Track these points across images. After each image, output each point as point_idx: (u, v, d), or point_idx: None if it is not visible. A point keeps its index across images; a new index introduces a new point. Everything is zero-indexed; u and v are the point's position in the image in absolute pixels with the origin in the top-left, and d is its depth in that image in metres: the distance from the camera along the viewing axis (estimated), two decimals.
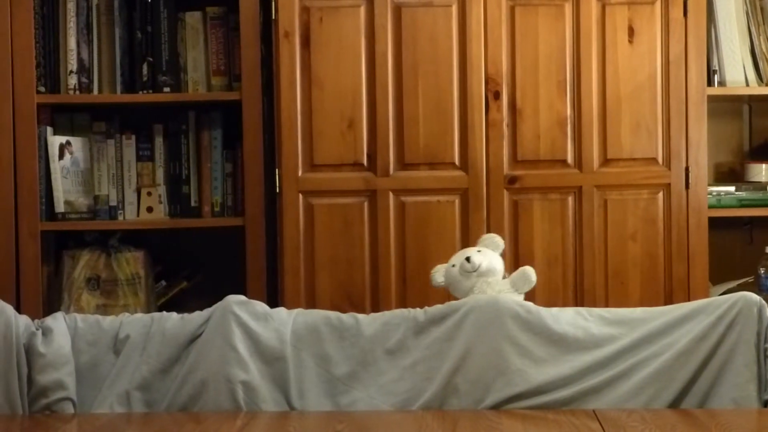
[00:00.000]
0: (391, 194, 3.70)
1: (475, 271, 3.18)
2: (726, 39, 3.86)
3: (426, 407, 2.91)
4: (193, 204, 3.95)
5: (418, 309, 3.09)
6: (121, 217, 3.95)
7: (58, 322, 3.05)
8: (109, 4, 3.92)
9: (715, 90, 3.83)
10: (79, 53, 3.89)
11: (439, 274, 3.27)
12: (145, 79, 3.91)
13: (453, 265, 3.22)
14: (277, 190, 3.71)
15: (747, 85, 3.88)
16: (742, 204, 3.89)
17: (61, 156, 3.89)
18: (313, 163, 3.70)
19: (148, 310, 3.84)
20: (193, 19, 3.96)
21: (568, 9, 3.70)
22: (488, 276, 3.19)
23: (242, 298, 3.10)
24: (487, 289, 3.16)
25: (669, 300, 3.64)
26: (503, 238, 3.61)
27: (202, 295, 3.72)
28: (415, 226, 3.68)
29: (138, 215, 3.95)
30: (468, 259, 3.17)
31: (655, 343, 2.94)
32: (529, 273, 3.19)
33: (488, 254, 3.22)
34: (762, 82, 3.89)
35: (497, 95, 3.69)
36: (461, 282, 3.21)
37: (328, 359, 2.99)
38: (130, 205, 3.95)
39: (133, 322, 3.10)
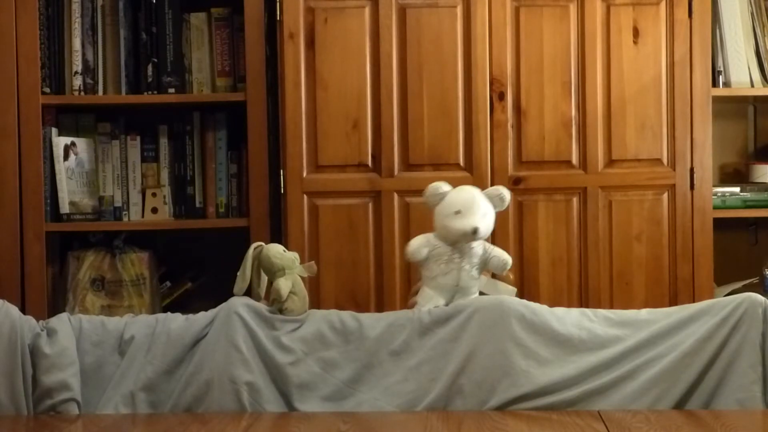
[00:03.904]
0: (395, 195, 3.70)
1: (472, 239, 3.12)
2: (731, 40, 3.86)
3: (431, 408, 2.91)
4: (197, 205, 3.95)
5: (422, 310, 3.09)
6: (125, 218, 3.95)
7: (62, 323, 3.06)
8: (114, 5, 3.92)
9: (720, 91, 3.83)
10: (84, 54, 3.90)
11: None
12: (149, 80, 3.91)
13: (458, 212, 3.09)
14: (282, 191, 3.71)
15: (752, 86, 3.88)
16: (747, 205, 3.89)
17: (66, 157, 3.89)
18: (317, 164, 3.70)
19: (152, 311, 3.84)
20: (197, 20, 3.96)
21: (572, 10, 3.70)
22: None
23: (247, 299, 3.10)
24: (464, 258, 3.12)
25: (674, 301, 3.64)
26: (508, 239, 3.63)
27: (206, 296, 3.72)
28: (420, 227, 3.67)
29: (143, 216, 3.95)
30: (475, 231, 3.07)
31: (660, 344, 2.95)
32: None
33: (488, 219, 3.14)
34: (767, 82, 3.88)
35: (502, 96, 3.69)
36: (449, 235, 3.11)
37: (332, 363, 3.00)
38: (135, 206, 3.95)
39: (138, 322, 3.11)
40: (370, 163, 3.70)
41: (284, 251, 3.15)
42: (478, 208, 3.12)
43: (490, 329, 2.97)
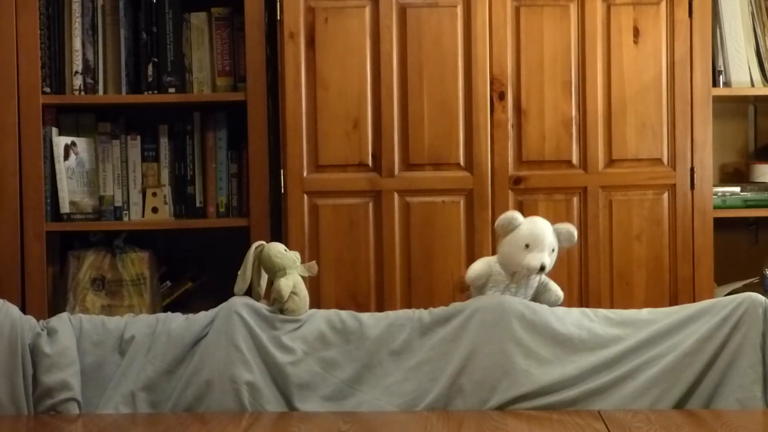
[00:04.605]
0: (396, 195, 3.69)
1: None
2: (731, 39, 3.86)
3: (431, 408, 2.91)
4: (198, 204, 3.95)
5: (422, 310, 3.09)
6: (126, 218, 3.95)
7: (63, 322, 3.06)
8: (114, 4, 3.92)
9: (721, 90, 3.83)
10: (84, 54, 3.90)
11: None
12: (150, 79, 3.91)
13: (527, 246, 3.08)
14: (282, 191, 3.71)
15: (752, 85, 3.88)
16: (748, 204, 3.89)
17: (66, 156, 3.89)
18: (318, 163, 3.70)
19: (153, 311, 3.84)
20: (198, 19, 3.96)
21: (573, 10, 3.70)
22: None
23: (247, 299, 3.10)
24: (519, 289, 3.12)
25: (674, 301, 3.64)
26: None
27: (206, 296, 3.72)
28: (420, 227, 3.68)
29: (143, 216, 3.95)
30: (542, 268, 3.07)
31: (660, 343, 2.94)
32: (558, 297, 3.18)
33: (554, 254, 3.14)
34: (767, 82, 3.88)
35: (502, 96, 3.68)
36: (514, 266, 3.10)
37: (333, 362, 3.00)
38: (135, 206, 3.95)
39: (138, 322, 3.11)
40: (370, 162, 3.70)
41: (285, 250, 3.15)
42: (547, 244, 3.10)
43: (491, 329, 2.96)
